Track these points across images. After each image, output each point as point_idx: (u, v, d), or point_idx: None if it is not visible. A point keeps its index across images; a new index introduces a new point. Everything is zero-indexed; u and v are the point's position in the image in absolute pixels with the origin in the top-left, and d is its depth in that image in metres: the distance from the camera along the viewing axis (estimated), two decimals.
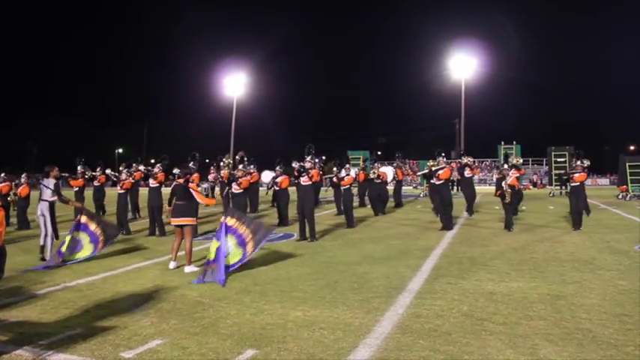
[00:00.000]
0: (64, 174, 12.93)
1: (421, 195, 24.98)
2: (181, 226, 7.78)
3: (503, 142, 31.87)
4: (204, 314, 5.16)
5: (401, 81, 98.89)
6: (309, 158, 10.81)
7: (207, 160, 25.98)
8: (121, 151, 75.30)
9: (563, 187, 25.73)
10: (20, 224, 13.46)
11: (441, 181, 11.79)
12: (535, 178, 37.80)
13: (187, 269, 7.39)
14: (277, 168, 13.02)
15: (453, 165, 12.23)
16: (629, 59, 73.69)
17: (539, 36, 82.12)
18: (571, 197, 11.66)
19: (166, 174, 12.36)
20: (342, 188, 13.14)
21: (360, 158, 29.21)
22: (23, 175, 14.35)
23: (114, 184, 12.87)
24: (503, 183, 11.34)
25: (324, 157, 19.92)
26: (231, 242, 7.09)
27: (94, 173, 15.34)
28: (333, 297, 5.74)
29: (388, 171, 17.27)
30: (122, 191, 12.26)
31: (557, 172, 23.10)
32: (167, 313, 5.24)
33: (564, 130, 57.19)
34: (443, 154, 12.23)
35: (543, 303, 5.35)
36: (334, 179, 13.04)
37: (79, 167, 13.78)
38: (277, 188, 13.28)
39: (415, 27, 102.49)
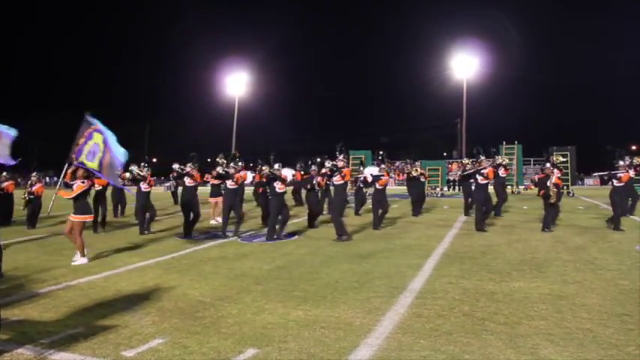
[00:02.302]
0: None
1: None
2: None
3: (504, 142, 31.77)
4: (206, 313, 5.16)
5: (403, 80, 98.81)
6: (341, 157, 10.58)
7: (208, 160, 25.93)
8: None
9: (565, 187, 25.71)
10: (30, 223, 13.21)
11: (485, 182, 11.53)
12: (537, 177, 37.66)
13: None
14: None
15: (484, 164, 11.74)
16: (630, 59, 73.49)
17: (541, 36, 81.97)
18: (614, 197, 11.47)
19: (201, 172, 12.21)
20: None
21: (362, 158, 29.21)
22: (34, 174, 14.06)
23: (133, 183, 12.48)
24: (549, 182, 10.99)
25: (326, 157, 19.74)
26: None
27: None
28: (334, 296, 5.74)
29: (373, 171, 17.05)
30: (148, 189, 12.07)
31: (598, 173, 22.75)
32: (168, 312, 5.24)
33: (566, 130, 57.09)
34: (482, 155, 11.93)
35: (544, 303, 5.35)
36: (366, 179, 12.57)
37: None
38: (317, 188, 12.73)
39: (417, 26, 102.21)
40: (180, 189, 14.93)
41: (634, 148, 56.54)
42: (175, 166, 12.03)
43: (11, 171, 14.36)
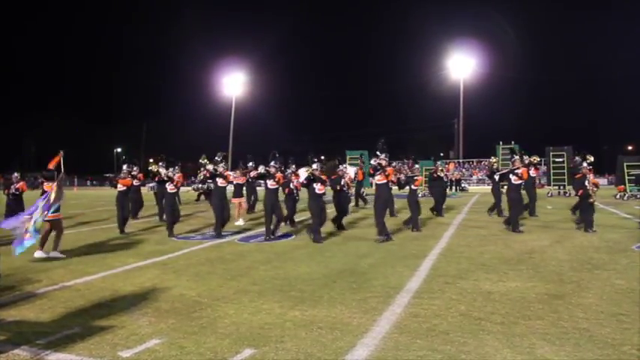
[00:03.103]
0: (108, 174, 12.80)
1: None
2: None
3: (501, 142, 31.82)
4: (203, 314, 5.16)
5: (400, 81, 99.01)
6: (383, 156, 10.30)
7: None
8: (119, 150, 75.29)
9: (561, 188, 25.79)
10: None
11: (519, 182, 11.27)
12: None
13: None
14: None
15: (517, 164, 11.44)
16: (627, 59, 73.78)
17: (537, 36, 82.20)
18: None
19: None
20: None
21: (359, 158, 29.20)
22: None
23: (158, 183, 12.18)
24: (586, 182, 10.85)
25: (322, 157, 19.67)
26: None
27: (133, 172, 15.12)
28: (331, 297, 5.75)
29: (350, 171, 16.77)
30: (174, 190, 11.70)
31: (628, 175, 22.49)
32: (165, 312, 5.24)
33: (563, 130, 57.27)
34: (516, 154, 11.79)
35: (541, 302, 5.37)
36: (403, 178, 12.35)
37: (124, 166, 12.70)
38: (346, 188, 12.34)
39: (414, 27, 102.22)
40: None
41: (630, 148, 56.78)
42: (209, 166, 11.73)
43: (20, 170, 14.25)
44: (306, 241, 10.02)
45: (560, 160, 25.81)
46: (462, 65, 44.56)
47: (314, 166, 10.48)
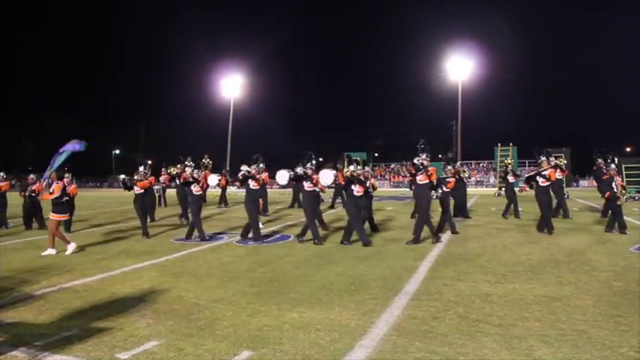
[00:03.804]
0: (123, 175, 12.60)
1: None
2: None
3: (499, 144, 31.90)
4: (201, 316, 5.16)
5: (398, 82, 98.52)
6: (424, 155, 10.18)
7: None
8: (118, 151, 75.23)
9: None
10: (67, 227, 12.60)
11: (547, 184, 11.12)
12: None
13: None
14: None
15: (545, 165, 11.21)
16: (625, 61, 73.89)
17: (535, 38, 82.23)
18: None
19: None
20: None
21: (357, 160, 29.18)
22: (67, 175, 12.58)
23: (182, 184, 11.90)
24: (614, 184, 10.70)
25: (320, 159, 19.64)
26: None
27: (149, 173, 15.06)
28: (329, 298, 5.75)
29: (328, 175, 16.52)
30: (199, 192, 11.20)
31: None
32: (163, 314, 5.23)
33: (560, 132, 57.41)
34: (543, 156, 11.59)
35: (539, 304, 5.37)
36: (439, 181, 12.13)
37: (140, 168, 12.19)
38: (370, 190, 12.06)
39: (412, 29, 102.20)
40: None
41: (628, 149, 56.91)
42: (243, 167, 11.38)
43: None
44: (303, 244, 10.01)
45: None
46: (460, 67, 44.60)
47: (351, 167, 10.02)
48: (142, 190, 11.59)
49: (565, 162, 15.76)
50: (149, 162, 13.21)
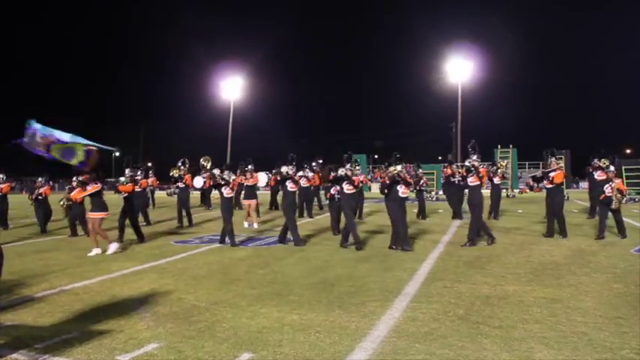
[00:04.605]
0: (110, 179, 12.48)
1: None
2: None
3: (499, 146, 31.86)
4: (201, 318, 5.15)
5: (397, 84, 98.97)
6: (475, 157, 10.08)
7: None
8: (117, 153, 75.17)
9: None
10: (72, 231, 12.40)
11: (552, 185, 10.80)
12: (531, 181, 37.74)
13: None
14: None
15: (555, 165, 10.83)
16: (625, 62, 74.01)
17: (535, 39, 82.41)
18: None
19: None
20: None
21: (357, 161, 29.16)
22: (74, 179, 12.29)
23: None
24: (607, 187, 10.24)
25: (320, 161, 19.57)
26: None
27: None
28: (329, 300, 5.74)
29: (261, 176, 16.36)
30: (231, 194, 10.67)
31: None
32: (163, 316, 5.23)
33: (560, 134, 57.42)
34: (552, 156, 11.43)
35: (539, 306, 5.37)
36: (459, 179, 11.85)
37: (127, 170, 11.79)
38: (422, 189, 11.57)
39: (412, 30, 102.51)
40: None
41: (628, 151, 56.92)
42: (284, 168, 11.10)
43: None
44: (303, 246, 10.00)
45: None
46: (459, 69, 44.60)
47: (398, 167, 9.49)
48: (125, 194, 11.11)
49: (562, 165, 15.69)
50: (149, 164, 13.20)
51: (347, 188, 9.93)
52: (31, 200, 13.75)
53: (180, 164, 15.68)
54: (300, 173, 15.96)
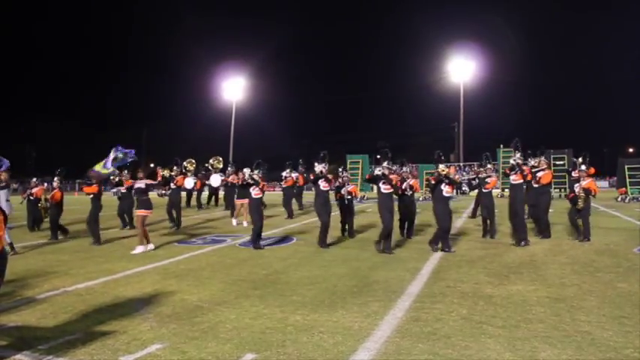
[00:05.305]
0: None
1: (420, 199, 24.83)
2: None
3: (502, 145, 31.82)
4: (204, 318, 5.16)
5: (400, 84, 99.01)
6: (518, 155, 9.99)
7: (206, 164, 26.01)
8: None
9: (562, 191, 25.76)
10: (53, 234, 12.01)
11: (539, 185, 10.68)
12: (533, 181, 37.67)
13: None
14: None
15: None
16: (627, 61, 73.86)
17: (537, 39, 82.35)
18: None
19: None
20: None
21: (359, 162, 29.21)
22: (55, 179, 12.52)
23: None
24: (576, 186, 10.08)
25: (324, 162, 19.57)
26: None
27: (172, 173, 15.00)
28: (332, 301, 5.74)
29: (216, 178, 15.90)
30: (259, 195, 10.23)
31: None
32: (166, 317, 5.23)
33: (563, 133, 57.28)
34: (543, 155, 11.31)
35: (542, 306, 5.36)
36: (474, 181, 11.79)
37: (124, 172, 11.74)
38: (408, 192, 11.25)
39: (414, 31, 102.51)
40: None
41: (631, 150, 56.82)
42: (317, 167, 10.70)
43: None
44: (305, 247, 10.01)
45: (561, 163, 25.82)
46: (462, 69, 44.59)
47: (441, 166, 9.31)
48: (91, 195, 11.19)
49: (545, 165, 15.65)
50: (151, 165, 13.22)
51: (384, 188, 9.21)
52: (22, 199, 13.84)
53: (174, 165, 15.67)
54: (295, 174, 15.95)
